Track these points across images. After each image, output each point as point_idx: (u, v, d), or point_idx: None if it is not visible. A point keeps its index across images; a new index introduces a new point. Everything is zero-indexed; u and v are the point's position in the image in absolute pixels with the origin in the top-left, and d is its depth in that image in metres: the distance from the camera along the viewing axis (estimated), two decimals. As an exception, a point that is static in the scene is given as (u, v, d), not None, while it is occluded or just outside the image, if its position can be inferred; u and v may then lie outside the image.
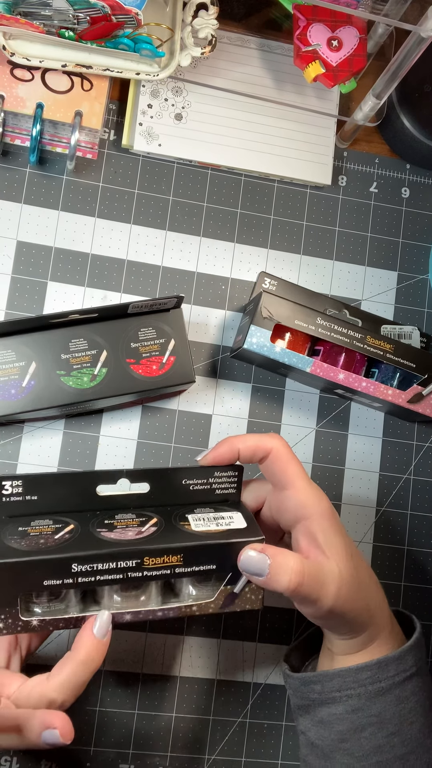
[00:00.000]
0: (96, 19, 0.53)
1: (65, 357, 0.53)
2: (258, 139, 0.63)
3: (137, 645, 0.58)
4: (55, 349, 0.53)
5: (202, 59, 0.62)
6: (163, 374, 0.54)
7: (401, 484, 0.63)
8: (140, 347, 0.54)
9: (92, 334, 0.54)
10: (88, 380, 0.53)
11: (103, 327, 0.54)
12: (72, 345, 0.53)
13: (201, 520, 0.46)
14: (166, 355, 0.55)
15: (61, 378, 0.53)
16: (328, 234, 0.65)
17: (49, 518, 0.45)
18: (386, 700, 0.46)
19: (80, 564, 0.41)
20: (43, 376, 0.53)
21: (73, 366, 0.53)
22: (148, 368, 0.54)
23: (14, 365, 0.52)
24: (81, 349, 0.53)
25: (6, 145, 0.60)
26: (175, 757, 0.57)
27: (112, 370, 0.54)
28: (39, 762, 0.56)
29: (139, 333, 0.54)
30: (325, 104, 0.64)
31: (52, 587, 0.41)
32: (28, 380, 0.52)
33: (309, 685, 0.48)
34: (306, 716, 0.49)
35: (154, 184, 0.62)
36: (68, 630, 0.52)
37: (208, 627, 0.59)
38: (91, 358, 0.53)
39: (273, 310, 0.56)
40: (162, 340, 0.55)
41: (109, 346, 0.54)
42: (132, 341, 0.54)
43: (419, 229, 0.66)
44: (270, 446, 0.46)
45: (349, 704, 0.47)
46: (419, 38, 0.49)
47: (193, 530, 0.44)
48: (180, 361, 0.55)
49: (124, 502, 0.47)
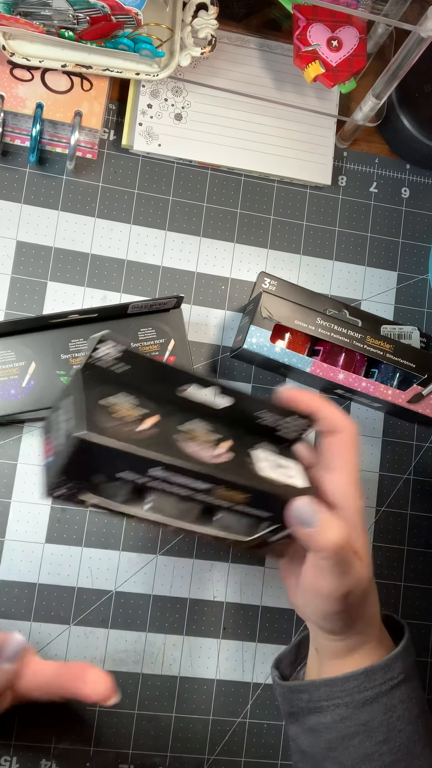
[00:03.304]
0: (96, 19, 0.53)
1: (65, 357, 0.53)
2: (258, 139, 0.63)
3: (137, 645, 0.58)
4: (55, 349, 0.53)
5: (202, 59, 0.62)
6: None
7: (401, 484, 0.63)
8: (140, 347, 0.54)
9: (92, 334, 0.53)
10: None
11: (103, 327, 0.54)
12: (72, 345, 0.54)
13: (266, 461, 0.45)
14: (166, 355, 0.55)
15: (61, 378, 0.53)
16: (327, 234, 0.65)
17: (134, 397, 0.43)
18: (374, 708, 0.46)
19: (162, 470, 0.40)
20: (43, 376, 0.53)
21: (72, 366, 0.53)
22: None
23: (14, 365, 0.53)
24: (81, 349, 0.54)
25: (6, 145, 0.60)
26: (175, 757, 0.57)
27: None
28: (39, 762, 0.56)
29: (138, 333, 0.55)
30: (325, 104, 0.64)
31: (123, 479, 0.40)
32: (27, 380, 0.53)
33: (297, 693, 0.48)
34: (296, 724, 0.49)
35: (154, 184, 0.62)
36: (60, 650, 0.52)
37: (208, 627, 0.59)
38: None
39: (273, 310, 0.56)
40: (162, 340, 0.55)
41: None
42: (132, 341, 0.55)
43: (419, 229, 0.66)
44: (344, 426, 0.45)
45: (337, 713, 0.46)
46: (419, 38, 0.49)
47: (259, 473, 0.43)
48: (180, 361, 0.55)
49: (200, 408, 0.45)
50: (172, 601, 0.59)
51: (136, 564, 0.59)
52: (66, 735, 0.56)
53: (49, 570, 0.57)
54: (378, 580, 0.62)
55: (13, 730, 0.56)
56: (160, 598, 0.59)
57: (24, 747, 0.56)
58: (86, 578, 0.58)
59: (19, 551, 0.57)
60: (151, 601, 0.58)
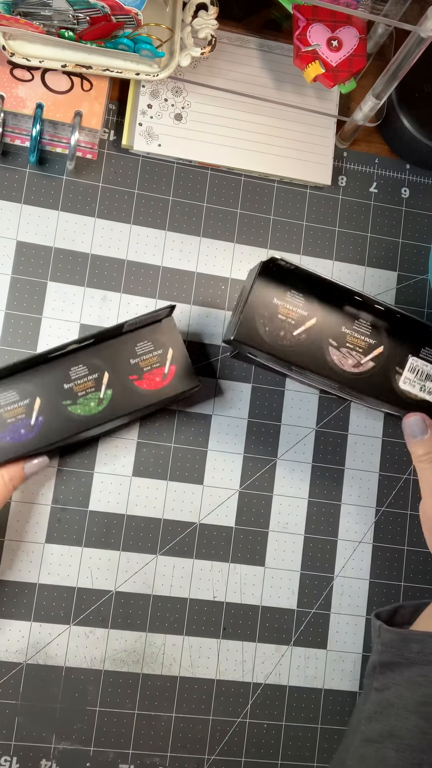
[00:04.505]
0: (96, 20, 0.53)
1: (68, 386, 0.53)
2: (258, 139, 0.63)
3: (137, 645, 0.58)
4: (57, 380, 0.53)
5: (202, 59, 0.62)
6: (168, 384, 0.54)
7: (401, 484, 0.63)
8: (140, 362, 0.54)
9: (90, 358, 0.53)
10: (96, 405, 0.53)
11: (99, 349, 0.54)
12: (73, 373, 0.53)
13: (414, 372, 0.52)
14: (167, 365, 0.55)
15: (69, 408, 0.52)
16: (328, 234, 0.65)
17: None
18: None
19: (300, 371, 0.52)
20: (50, 409, 0.52)
21: (78, 394, 0.53)
22: (152, 381, 0.54)
23: (18, 405, 0.52)
24: (82, 375, 0.53)
25: (6, 145, 0.60)
26: (175, 757, 0.57)
27: (117, 390, 0.53)
28: (39, 762, 0.56)
29: (136, 348, 0.54)
30: (325, 104, 0.64)
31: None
32: (35, 417, 0.52)
33: (408, 642, 0.48)
34: (390, 674, 0.48)
35: (154, 184, 0.62)
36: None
37: (208, 627, 0.59)
38: (95, 383, 0.53)
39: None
40: (160, 351, 0.55)
41: (109, 367, 0.53)
42: (131, 357, 0.54)
43: (419, 229, 0.66)
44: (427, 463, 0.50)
45: None
46: (419, 38, 0.49)
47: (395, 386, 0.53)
48: (181, 368, 0.55)
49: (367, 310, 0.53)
50: (172, 601, 0.59)
51: (136, 564, 0.59)
52: (66, 735, 0.56)
53: (49, 570, 0.57)
54: (378, 580, 0.62)
55: (13, 730, 0.56)
56: (160, 598, 0.59)
57: (24, 747, 0.56)
58: (86, 578, 0.58)
59: (19, 551, 0.57)
60: (151, 601, 0.58)
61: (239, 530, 0.60)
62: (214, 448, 0.61)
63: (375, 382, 0.52)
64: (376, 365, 0.52)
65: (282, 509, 0.61)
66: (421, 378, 0.53)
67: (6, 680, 0.56)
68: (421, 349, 0.53)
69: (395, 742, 0.46)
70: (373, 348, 0.52)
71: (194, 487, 0.60)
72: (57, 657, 0.57)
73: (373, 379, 0.52)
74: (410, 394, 0.53)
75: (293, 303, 0.52)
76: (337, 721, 0.60)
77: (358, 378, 0.52)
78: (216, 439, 0.61)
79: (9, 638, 0.56)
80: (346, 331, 0.52)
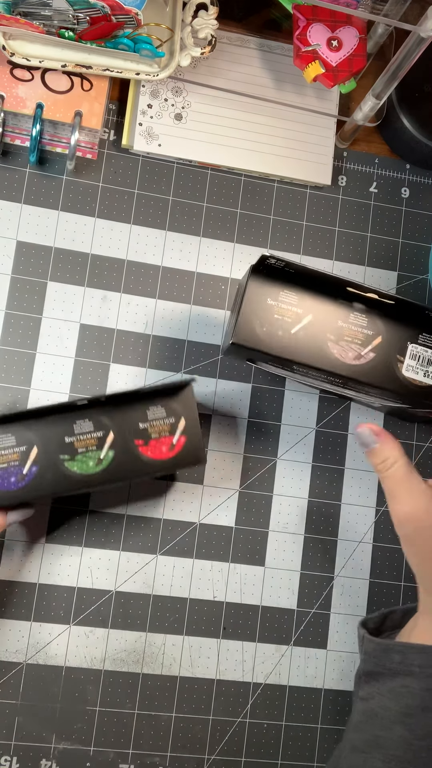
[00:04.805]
0: (96, 19, 0.53)
1: (70, 440, 0.49)
2: (258, 139, 0.63)
3: (137, 645, 0.58)
4: (59, 431, 0.49)
5: (202, 59, 0.62)
6: (173, 456, 0.50)
7: (401, 484, 0.63)
8: (149, 427, 0.50)
9: (98, 414, 0.50)
10: (94, 464, 0.49)
11: (110, 406, 0.50)
12: (77, 426, 0.49)
13: (416, 359, 0.52)
14: (176, 435, 0.51)
15: (65, 463, 0.49)
16: (328, 234, 0.65)
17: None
18: None
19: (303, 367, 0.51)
20: (46, 461, 0.49)
21: (78, 450, 0.49)
22: (158, 450, 0.50)
23: (14, 450, 0.48)
24: (86, 431, 0.49)
25: (6, 145, 0.60)
26: (175, 757, 0.57)
27: (119, 453, 0.50)
28: (39, 762, 0.56)
29: (148, 411, 0.50)
30: (325, 104, 0.64)
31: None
32: (29, 467, 0.48)
33: (389, 653, 0.48)
34: (374, 684, 0.48)
35: (154, 184, 0.62)
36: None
37: (208, 627, 0.59)
38: (97, 441, 0.49)
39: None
40: (172, 419, 0.51)
41: (116, 428, 0.50)
42: (141, 421, 0.50)
43: (419, 229, 0.66)
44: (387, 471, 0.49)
45: (427, 682, 0.46)
46: (419, 38, 0.49)
47: (398, 373, 0.53)
48: (191, 441, 0.51)
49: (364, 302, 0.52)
50: (172, 601, 0.59)
51: (136, 564, 0.59)
52: (66, 735, 0.56)
53: (49, 570, 0.57)
54: (378, 580, 0.62)
55: (13, 730, 0.56)
56: (160, 598, 0.59)
57: (24, 747, 0.56)
58: (86, 578, 0.58)
59: (19, 551, 0.57)
60: (151, 601, 0.58)
61: (239, 530, 0.60)
62: (215, 448, 0.61)
63: (378, 372, 0.52)
64: (377, 355, 0.52)
65: (282, 509, 0.61)
66: (424, 364, 0.53)
67: (6, 680, 0.56)
68: (419, 336, 0.53)
69: (381, 753, 0.46)
70: (371, 339, 0.52)
71: (194, 487, 0.60)
72: (57, 657, 0.57)
73: (377, 369, 0.52)
74: (415, 381, 0.53)
75: (287, 302, 0.52)
76: (337, 721, 0.60)
77: (361, 370, 0.52)
78: (216, 439, 0.61)
79: (9, 638, 0.56)
80: (343, 324, 0.52)
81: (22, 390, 0.58)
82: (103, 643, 0.57)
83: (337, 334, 0.52)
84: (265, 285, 0.52)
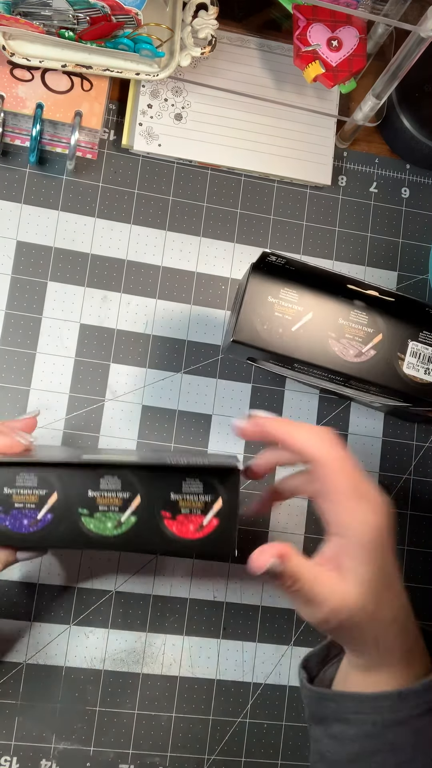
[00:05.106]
0: (96, 19, 0.53)
1: (93, 494, 0.44)
2: (258, 139, 0.63)
3: (137, 645, 0.58)
4: (84, 482, 0.44)
5: (202, 59, 0.62)
6: (201, 538, 0.45)
7: (401, 484, 0.63)
8: (180, 500, 0.45)
9: (128, 473, 0.45)
10: (112, 527, 0.44)
11: (143, 467, 0.45)
12: (104, 481, 0.45)
13: (416, 357, 0.51)
14: (208, 515, 0.45)
15: (83, 518, 0.44)
16: (328, 234, 0.65)
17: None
18: (402, 730, 0.45)
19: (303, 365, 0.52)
20: (63, 511, 0.44)
21: (99, 506, 0.44)
22: (184, 527, 0.45)
23: (33, 492, 0.44)
24: (112, 488, 0.45)
25: (6, 145, 0.60)
26: (175, 757, 0.57)
27: (142, 520, 0.44)
28: (39, 762, 0.56)
29: (183, 483, 0.45)
30: (325, 104, 0.64)
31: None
32: (44, 512, 0.44)
33: (324, 701, 0.47)
34: (320, 727, 0.48)
35: (154, 184, 0.62)
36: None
37: (208, 627, 0.59)
38: (122, 502, 0.44)
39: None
40: (208, 497, 0.45)
41: (144, 491, 0.45)
42: (173, 491, 0.45)
43: (419, 229, 0.66)
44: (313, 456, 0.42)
45: (363, 729, 0.45)
46: (419, 38, 0.49)
47: (399, 371, 0.53)
48: (223, 526, 0.45)
49: (365, 300, 0.53)
50: (172, 601, 0.59)
51: (136, 564, 0.59)
52: (66, 735, 0.56)
53: (49, 570, 0.57)
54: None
55: (13, 730, 0.56)
56: (160, 598, 0.59)
57: (24, 747, 0.56)
58: (86, 578, 0.58)
59: (19, 551, 0.57)
60: (151, 601, 0.58)
61: (240, 530, 0.60)
62: (214, 448, 0.61)
63: (379, 369, 0.53)
64: (378, 353, 0.53)
65: (282, 509, 0.61)
66: (424, 361, 0.53)
67: (6, 680, 0.56)
68: (420, 333, 0.54)
69: None
70: (372, 336, 0.53)
71: (194, 487, 0.60)
72: (57, 657, 0.57)
73: (378, 367, 0.53)
74: (416, 378, 0.53)
75: (288, 299, 0.52)
76: (337, 721, 0.60)
77: (362, 367, 0.53)
78: (216, 439, 0.61)
79: (9, 638, 0.56)
80: (344, 322, 0.53)
81: (22, 390, 0.58)
82: (103, 643, 0.57)
83: (337, 331, 0.52)
84: (266, 283, 0.52)
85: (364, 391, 0.55)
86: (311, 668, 0.52)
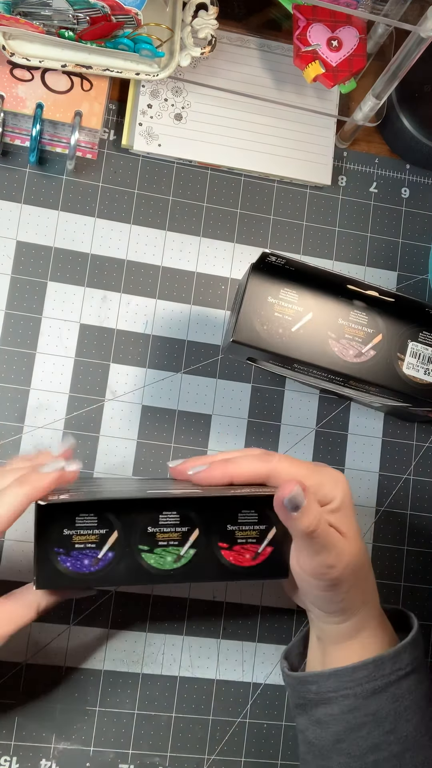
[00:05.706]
0: (96, 19, 0.53)
1: (152, 530, 0.44)
2: (258, 139, 0.63)
3: (137, 645, 0.58)
4: (144, 519, 0.44)
5: (202, 59, 0.62)
6: (256, 565, 0.46)
7: (401, 484, 0.63)
8: (237, 531, 0.46)
9: (186, 507, 0.45)
10: (172, 561, 0.45)
11: (200, 501, 0.45)
12: (163, 518, 0.45)
13: (416, 357, 0.51)
14: (263, 544, 0.46)
15: (143, 554, 0.44)
16: (327, 234, 0.65)
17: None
18: (382, 698, 0.46)
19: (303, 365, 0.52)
20: (123, 548, 0.44)
21: (158, 542, 0.45)
22: (241, 556, 0.46)
23: (94, 532, 0.44)
24: (171, 524, 0.45)
25: (6, 145, 0.60)
26: (175, 757, 0.57)
27: (200, 552, 0.45)
28: (39, 762, 0.56)
29: (239, 514, 0.46)
30: (324, 104, 0.64)
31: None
32: (105, 551, 0.44)
33: (305, 685, 0.49)
34: (304, 715, 0.49)
35: (154, 184, 0.62)
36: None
37: (208, 627, 0.59)
38: (181, 536, 0.45)
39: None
40: (263, 526, 0.46)
41: (202, 525, 0.45)
42: (230, 523, 0.45)
43: (419, 229, 0.66)
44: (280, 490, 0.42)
45: (345, 704, 0.47)
46: (419, 38, 0.49)
47: (398, 371, 0.53)
48: (277, 553, 0.46)
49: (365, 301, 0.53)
50: (172, 600, 0.59)
51: (136, 564, 0.59)
52: (66, 735, 0.56)
53: (49, 570, 0.57)
54: (378, 580, 0.62)
55: (13, 730, 0.56)
56: (160, 598, 0.59)
57: (24, 747, 0.56)
58: (86, 578, 0.58)
59: (19, 551, 0.57)
60: (151, 601, 0.58)
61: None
62: (214, 448, 0.61)
63: (379, 370, 0.53)
64: (378, 353, 0.53)
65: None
66: (424, 362, 0.53)
67: (6, 680, 0.56)
68: (419, 333, 0.54)
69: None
70: (372, 336, 0.53)
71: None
72: (57, 657, 0.57)
73: (377, 367, 0.53)
74: (416, 379, 0.53)
75: (288, 299, 0.52)
76: (337, 721, 0.60)
77: (362, 368, 0.53)
78: (216, 439, 0.61)
79: (9, 638, 0.56)
80: (343, 322, 0.53)
81: (21, 390, 0.58)
82: (103, 643, 0.57)
83: (337, 331, 0.52)
84: (266, 283, 0.52)
85: (363, 391, 0.55)
86: (292, 661, 0.53)
